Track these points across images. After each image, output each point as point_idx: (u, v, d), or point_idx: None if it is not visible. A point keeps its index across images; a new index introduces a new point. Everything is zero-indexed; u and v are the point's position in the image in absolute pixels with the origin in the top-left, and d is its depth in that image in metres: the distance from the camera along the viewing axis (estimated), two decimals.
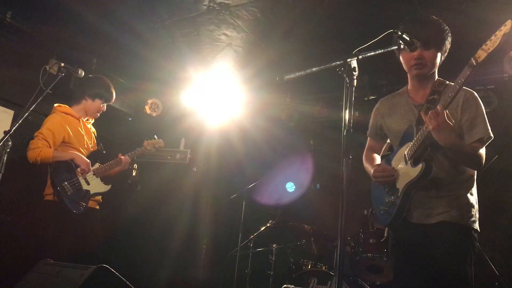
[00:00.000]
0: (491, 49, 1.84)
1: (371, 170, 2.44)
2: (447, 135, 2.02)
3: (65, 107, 3.61)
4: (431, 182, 2.14)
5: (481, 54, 1.86)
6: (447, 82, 2.31)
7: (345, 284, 3.85)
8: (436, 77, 2.35)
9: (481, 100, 2.24)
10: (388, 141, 2.61)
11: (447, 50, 2.34)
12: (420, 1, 3.35)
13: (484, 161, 2.18)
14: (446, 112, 2.00)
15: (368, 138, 2.68)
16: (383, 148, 2.67)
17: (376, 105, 2.60)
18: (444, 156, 2.18)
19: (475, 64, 1.89)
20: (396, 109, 2.44)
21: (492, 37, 1.84)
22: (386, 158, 2.47)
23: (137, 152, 3.96)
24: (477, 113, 2.17)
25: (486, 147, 2.20)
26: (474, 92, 2.24)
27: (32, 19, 4.18)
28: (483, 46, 1.87)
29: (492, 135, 2.17)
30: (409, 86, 2.43)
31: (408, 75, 2.40)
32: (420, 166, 2.11)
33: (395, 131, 2.42)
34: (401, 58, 2.32)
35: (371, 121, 2.62)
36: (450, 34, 2.31)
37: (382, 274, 4.13)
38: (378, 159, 2.60)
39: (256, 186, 4.96)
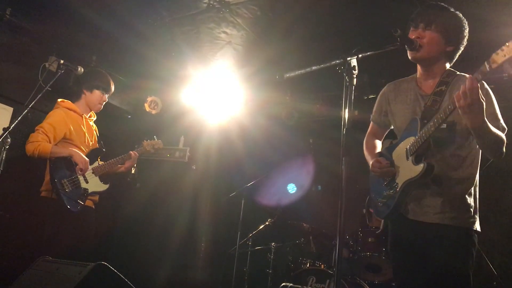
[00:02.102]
0: (507, 56, 1.71)
1: (370, 160, 2.41)
2: (476, 115, 1.86)
3: (68, 103, 3.60)
4: (430, 179, 2.11)
5: (496, 60, 1.74)
6: (458, 72, 2.24)
7: (343, 283, 3.86)
8: (447, 67, 2.28)
9: None
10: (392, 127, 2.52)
11: (460, 43, 2.24)
12: (421, 0, 3.35)
13: (504, 149, 2.07)
14: (479, 87, 1.81)
15: (371, 122, 2.61)
16: (385, 134, 2.61)
17: (383, 89, 2.52)
18: (445, 153, 2.14)
19: (488, 70, 1.78)
20: (402, 97, 2.37)
21: (510, 44, 1.71)
22: (388, 147, 2.43)
23: (139, 150, 3.97)
24: (487, 102, 2.01)
25: None
26: (484, 83, 2.13)
27: (32, 16, 4.17)
28: (499, 51, 1.74)
29: (505, 126, 2.10)
30: (417, 74, 2.36)
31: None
32: (421, 166, 2.07)
33: (399, 120, 2.37)
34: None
35: (376, 105, 2.54)
36: (464, 25, 2.22)
37: (381, 273, 4.14)
38: (379, 146, 2.55)
39: (255, 184, 4.96)
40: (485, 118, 1.91)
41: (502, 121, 2.12)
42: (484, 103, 1.87)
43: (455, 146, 2.14)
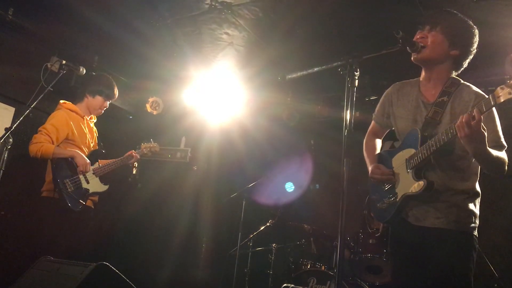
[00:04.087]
0: None
1: (369, 164, 2.41)
2: (477, 145, 1.89)
3: (70, 104, 3.62)
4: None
5: (502, 97, 1.73)
6: (462, 81, 2.22)
7: (344, 284, 3.85)
8: (451, 75, 2.25)
9: None
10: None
11: (466, 49, 2.21)
12: (422, 2, 3.35)
13: (506, 168, 2.07)
14: (482, 118, 1.81)
15: (373, 121, 2.59)
16: (385, 133, 2.60)
17: (388, 89, 2.50)
18: (446, 166, 2.13)
19: (493, 104, 1.77)
20: (404, 101, 2.35)
21: None
22: (388, 151, 2.43)
23: (138, 153, 3.98)
24: (488, 118, 2.03)
25: None
26: (485, 95, 2.09)
27: (34, 16, 4.18)
28: (504, 86, 1.72)
29: (505, 143, 2.09)
30: (421, 77, 2.34)
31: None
32: (421, 183, 2.07)
33: (400, 125, 2.35)
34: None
35: (379, 105, 2.53)
36: (472, 31, 2.20)
37: (381, 274, 4.13)
38: (378, 146, 2.55)
39: (256, 185, 4.96)
40: (487, 147, 1.91)
41: (502, 138, 2.11)
42: (486, 132, 1.86)
43: (455, 159, 2.14)
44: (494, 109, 2.10)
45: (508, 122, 2.27)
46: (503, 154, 2.06)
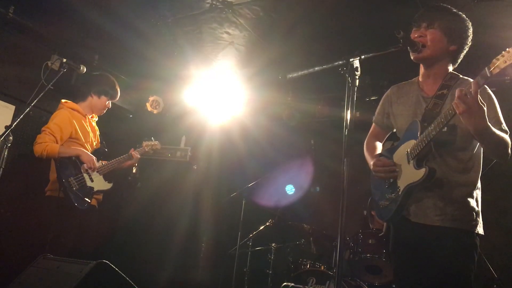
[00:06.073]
0: (508, 62, 1.74)
1: (370, 161, 2.40)
2: (478, 120, 1.86)
3: (71, 103, 3.63)
4: (432, 182, 2.10)
5: (497, 65, 1.77)
6: (461, 76, 2.23)
7: (343, 284, 3.85)
8: (450, 70, 2.26)
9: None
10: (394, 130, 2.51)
11: (463, 43, 2.22)
12: (422, 2, 3.35)
13: (510, 151, 2.06)
14: (478, 92, 1.81)
15: (373, 124, 2.60)
16: (386, 136, 2.60)
17: (387, 92, 2.51)
18: (447, 156, 2.13)
19: (488, 75, 1.80)
20: (404, 99, 2.36)
21: (510, 50, 1.74)
22: (389, 149, 2.42)
23: (139, 151, 4.00)
24: (489, 105, 2.03)
25: None
26: (486, 87, 2.12)
27: (35, 14, 4.18)
28: (499, 57, 1.77)
29: (507, 128, 2.09)
30: (420, 76, 2.35)
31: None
32: (423, 170, 2.05)
33: (400, 122, 2.36)
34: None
35: (379, 107, 2.54)
36: (467, 25, 2.22)
37: (381, 274, 4.13)
38: (379, 148, 2.55)
39: (256, 185, 4.96)
40: (488, 122, 1.90)
41: (504, 124, 2.11)
42: (485, 108, 1.86)
43: (457, 149, 2.13)
44: (494, 97, 2.14)
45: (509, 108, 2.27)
46: (506, 136, 2.04)
